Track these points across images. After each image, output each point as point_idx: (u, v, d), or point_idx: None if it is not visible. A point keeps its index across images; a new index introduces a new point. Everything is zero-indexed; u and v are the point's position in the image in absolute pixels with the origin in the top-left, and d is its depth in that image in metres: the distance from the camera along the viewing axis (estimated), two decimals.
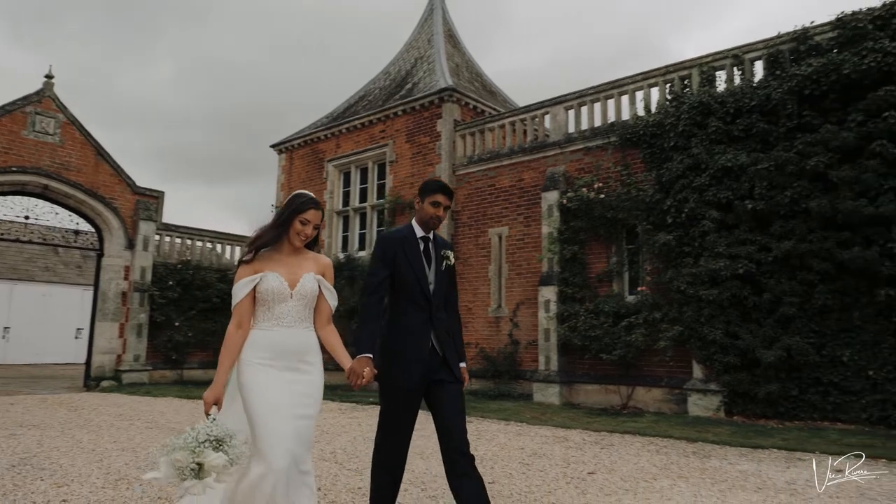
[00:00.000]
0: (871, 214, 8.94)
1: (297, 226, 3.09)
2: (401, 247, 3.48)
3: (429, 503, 4.68)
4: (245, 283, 3.02)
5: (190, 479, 2.56)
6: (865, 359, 9.03)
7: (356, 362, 3.13)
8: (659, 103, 12.01)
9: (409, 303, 3.42)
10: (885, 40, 9.28)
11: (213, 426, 2.66)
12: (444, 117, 15.72)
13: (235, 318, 3.01)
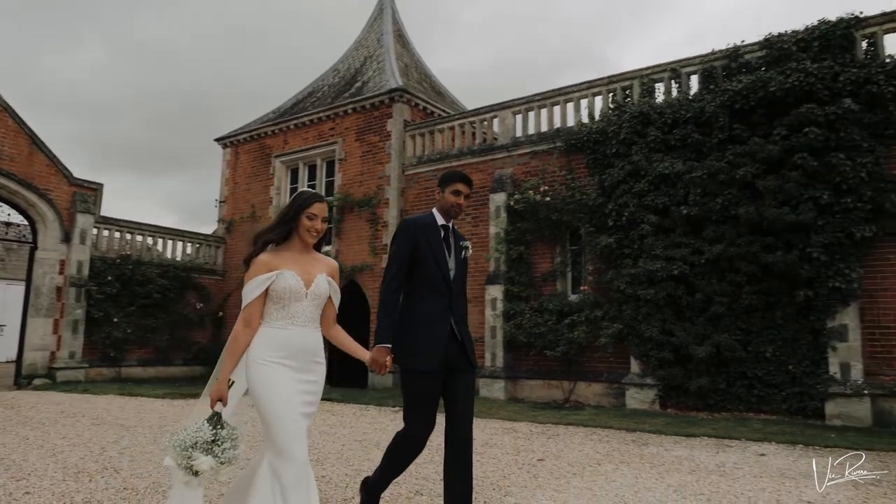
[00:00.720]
0: (792, 221, 9.72)
1: (305, 222, 3.06)
2: (424, 233, 3.53)
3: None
4: (261, 281, 2.95)
5: (187, 474, 2.68)
6: (786, 354, 9.82)
7: (376, 352, 3.27)
8: (602, 112, 12.59)
9: (430, 289, 3.48)
10: (807, 61, 10.10)
11: (205, 428, 2.71)
12: (394, 117, 15.90)
13: (244, 316, 2.96)
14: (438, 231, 3.57)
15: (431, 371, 3.41)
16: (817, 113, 9.68)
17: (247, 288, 2.97)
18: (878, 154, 9.54)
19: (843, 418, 9.11)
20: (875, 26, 10.12)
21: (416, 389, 3.47)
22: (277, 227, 3.10)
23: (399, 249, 3.52)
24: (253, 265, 3.01)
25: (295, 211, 3.08)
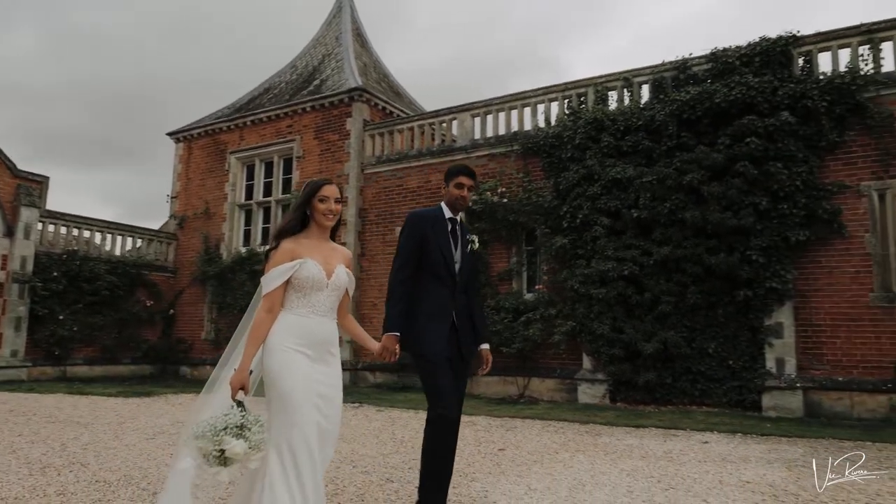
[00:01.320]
0: (734, 226, 10.34)
1: (318, 205, 3.04)
2: (430, 225, 3.62)
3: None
4: (284, 269, 2.93)
5: (215, 465, 2.57)
6: (727, 350, 10.44)
7: (386, 339, 3.34)
8: (558, 117, 13.03)
9: (435, 280, 3.58)
10: (750, 75, 10.75)
11: (235, 413, 2.64)
12: (353, 116, 15.99)
13: (266, 304, 2.92)
14: (446, 224, 3.66)
15: (437, 352, 3.49)
16: (758, 124, 10.32)
17: (270, 275, 2.94)
18: (812, 164, 10.25)
19: (777, 410, 9.76)
20: (811, 45, 10.86)
21: (428, 374, 3.51)
22: (291, 216, 3.12)
23: (407, 241, 3.60)
24: (277, 252, 2.99)
25: (306, 197, 3.07)
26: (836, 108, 10.20)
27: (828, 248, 10.21)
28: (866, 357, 9.80)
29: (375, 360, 3.36)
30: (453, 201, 3.71)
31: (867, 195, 10.06)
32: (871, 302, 9.86)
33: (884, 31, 10.37)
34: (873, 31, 10.40)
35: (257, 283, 12.38)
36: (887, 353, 9.64)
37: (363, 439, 7.01)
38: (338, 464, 5.48)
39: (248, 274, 16.53)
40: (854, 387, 9.69)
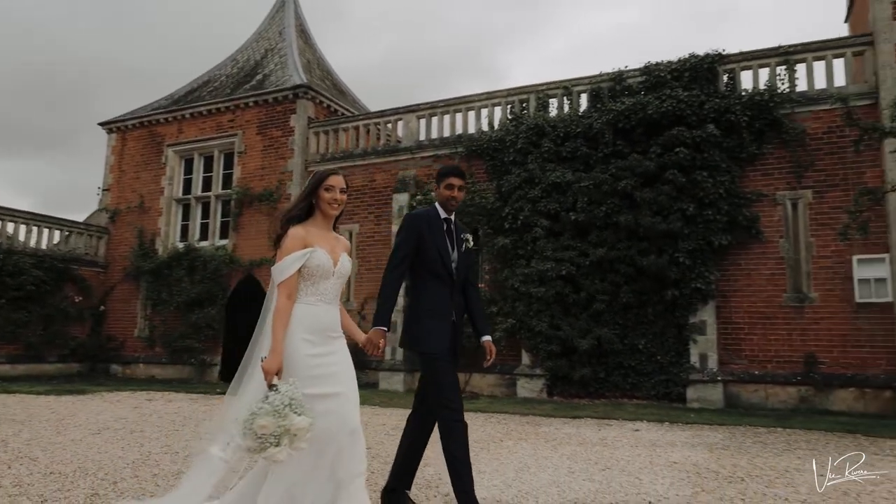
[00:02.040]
0: (663, 230, 11.03)
1: (324, 195, 3.13)
2: (427, 225, 3.73)
3: None
4: (297, 257, 3.01)
5: (273, 446, 2.60)
6: (655, 346, 11.13)
7: (373, 333, 3.43)
8: (501, 121, 13.48)
9: (433, 278, 3.68)
10: (679, 89, 11.49)
11: (290, 389, 2.72)
12: (298, 113, 15.95)
13: (285, 291, 2.99)
14: (441, 223, 3.77)
15: (438, 348, 3.58)
16: (686, 135, 11.06)
17: (284, 262, 3.00)
18: (734, 174, 11.07)
19: (700, 401, 10.50)
20: (734, 63, 11.71)
21: (437, 370, 3.58)
22: (298, 203, 3.20)
23: (404, 241, 3.71)
24: (287, 238, 3.06)
25: (312, 187, 3.17)
26: (756, 123, 11.06)
27: (747, 252, 11.05)
28: (779, 352, 10.68)
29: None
30: (444, 201, 3.80)
31: (782, 204, 10.96)
32: (784, 302, 10.75)
33: (798, 53, 11.32)
34: (789, 54, 11.33)
35: (196, 279, 12.35)
36: (798, 348, 10.54)
37: None
38: None
39: (186, 270, 16.21)
40: (768, 380, 10.55)
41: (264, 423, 2.60)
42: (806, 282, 10.68)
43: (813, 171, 10.84)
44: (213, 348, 15.79)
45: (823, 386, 10.21)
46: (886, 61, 10.48)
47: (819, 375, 10.28)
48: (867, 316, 10.28)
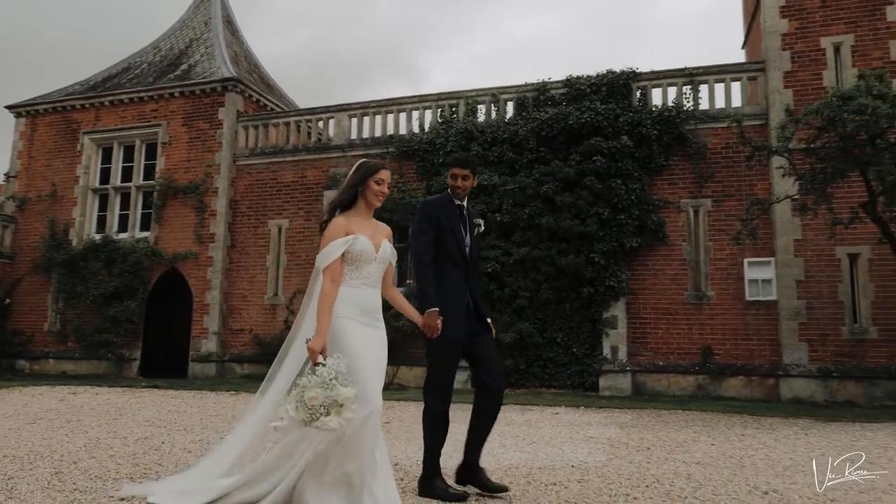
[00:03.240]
0: (581, 232, 11.92)
1: (374, 186, 3.29)
2: (442, 211, 3.85)
3: None
4: (340, 243, 3.16)
5: (323, 416, 2.79)
6: (571, 340, 12.01)
7: (428, 317, 3.58)
8: (431, 124, 14.02)
9: (449, 262, 3.82)
10: (598, 102, 12.44)
11: (335, 363, 2.90)
12: (226, 106, 15.82)
13: (329, 275, 3.14)
14: (455, 210, 3.91)
15: (457, 336, 3.72)
16: (603, 145, 12.00)
17: (327, 249, 3.17)
18: (644, 182, 12.12)
19: (611, 390, 11.46)
20: (646, 81, 12.79)
21: (443, 354, 3.74)
22: (345, 192, 3.34)
23: (423, 227, 3.84)
24: (331, 226, 3.24)
25: (362, 177, 3.31)
26: (664, 137, 12.16)
27: (654, 254, 12.13)
28: (680, 345, 11.81)
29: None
30: (451, 191, 3.95)
31: (685, 210, 12.11)
32: (685, 299, 11.89)
33: (702, 75, 12.53)
34: (694, 75, 12.52)
35: (114, 272, 12.35)
36: (696, 341, 11.70)
37: None
38: None
39: (103, 262, 15.71)
40: (671, 370, 11.66)
41: (314, 394, 2.79)
42: (704, 281, 11.86)
43: (712, 182, 12.05)
44: (133, 343, 15.41)
45: (717, 375, 11.41)
46: (776, 87, 11.81)
47: (714, 365, 11.47)
48: (755, 312, 11.57)
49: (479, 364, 3.85)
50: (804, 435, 6.75)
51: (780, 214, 11.24)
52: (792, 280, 11.29)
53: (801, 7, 11.90)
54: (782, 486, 4.16)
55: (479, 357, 3.84)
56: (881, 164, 8.55)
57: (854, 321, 11.02)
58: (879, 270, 10.90)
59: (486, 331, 3.91)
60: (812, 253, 11.27)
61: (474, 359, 3.86)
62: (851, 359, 10.88)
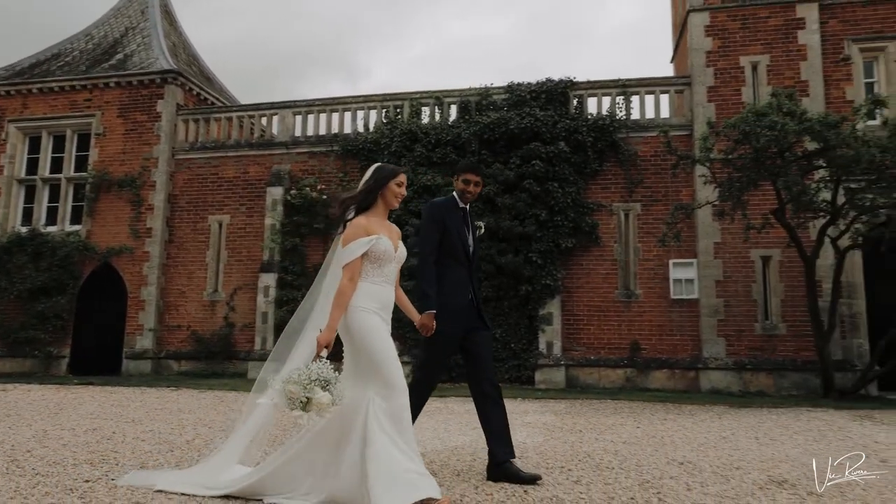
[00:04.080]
0: (520, 232, 12.45)
1: (394, 188, 3.43)
2: (448, 212, 4.02)
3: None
4: (363, 243, 3.26)
5: (298, 409, 2.91)
6: (510, 335, 12.52)
7: (426, 317, 3.70)
8: (376, 124, 14.26)
9: (453, 261, 3.98)
10: (537, 109, 13.01)
11: (324, 368, 2.98)
12: (166, 99, 15.54)
13: (349, 273, 3.23)
14: (458, 212, 4.09)
15: (455, 333, 3.89)
16: (541, 150, 12.57)
17: (350, 247, 3.26)
18: (580, 186, 12.77)
19: (546, 383, 12.03)
20: (582, 90, 13.46)
21: (439, 347, 3.89)
22: (364, 195, 3.44)
23: (430, 227, 3.99)
24: (352, 227, 3.34)
25: (385, 180, 3.43)
26: (599, 144, 12.85)
27: (587, 254, 12.80)
28: (611, 340, 12.52)
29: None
30: (461, 194, 4.10)
31: (617, 214, 12.83)
32: (615, 297, 12.61)
33: (634, 87, 13.31)
34: (626, 86, 13.28)
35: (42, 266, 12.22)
36: (625, 337, 12.43)
37: (206, 410, 7.50)
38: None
39: (30, 256, 15.11)
40: (602, 364, 12.35)
41: (293, 389, 2.94)
42: (633, 281, 12.62)
43: (642, 187, 12.83)
44: (62, 340, 14.91)
45: (644, 368, 12.18)
46: (700, 100, 12.70)
47: (641, 359, 12.23)
48: (679, 310, 12.40)
49: (473, 362, 3.98)
50: (718, 419, 7.44)
51: (702, 219, 12.10)
52: (712, 280, 12.18)
53: (723, 27, 12.84)
54: (696, 458, 4.71)
55: (474, 355, 3.97)
56: (788, 176, 9.43)
57: (766, 318, 12.00)
58: (788, 272, 11.91)
59: (485, 328, 4.07)
60: (730, 255, 12.19)
61: (470, 355, 3.98)
62: (763, 352, 11.85)
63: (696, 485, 3.87)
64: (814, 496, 3.61)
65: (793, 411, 8.44)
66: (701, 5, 13.01)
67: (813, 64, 12.39)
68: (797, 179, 9.41)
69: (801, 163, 9.90)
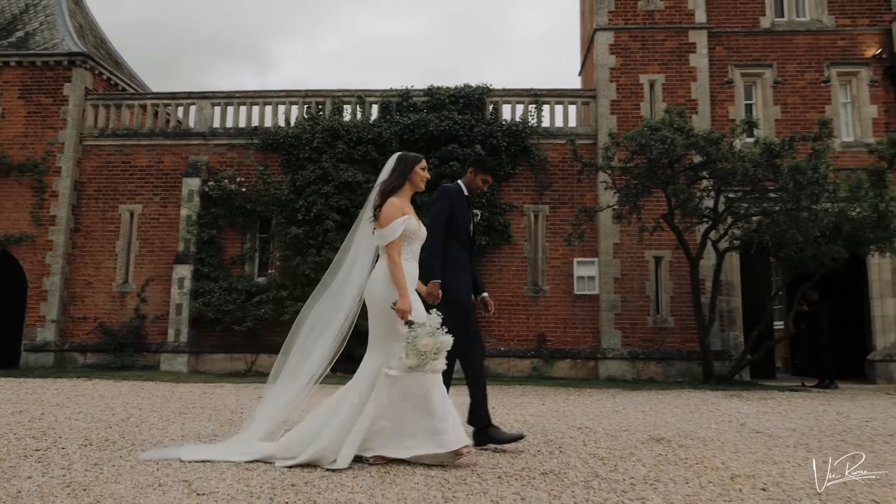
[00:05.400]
0: None
1: (420, 172, 3.88)
2: (457, 198, 4.46)
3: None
4: (401, 222, 3.67)
5: (430, 361, 3.43)
6: None
7: (432, 286, 4.06)
8: (298, 120, 14.42)
9: (458, 242, 4.41)
10: (455, 113, 13.67)
11: (434, 318, 3.50)
12: (74, 82, 14.95)
13: (396, 249, 3.65)
14: (465, 199, 4.55)
15: (467, 299, 4.39)
16: (459, 152, 13.25)
17: (391, 226, 3.66)
18: (494, 188, 13.54)
19: (458, 372, 12.67)
20: (498, 97, 14.26)
21: (461, 313, 4.25)
22: (396, 179, 3.85)
23: (443, 209, 4.37)
24: (389, 205, 3.72)
25: (410, 165, 3.90)
26: (512, 148, 13.68)
27: (500, 252, 13.60)
28: (520, 333, 13.38)
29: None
30: (473, 188, 4.63)
31: (527, 214, 13.72)
32: (524, 293, 13.49)
33: (545, 97, 14.25)
34: (538, 96, 14.21)
35: None
36: (533, 330, 13.33)
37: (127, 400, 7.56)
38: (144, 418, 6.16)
39: None
40: (511, 354, 13.18)
41: (426, 342, 3.39)
42: (541, 277, 13.55)
43: (551, 190, 13.78)
44: None
45: (549, 358, 13.12)
46: (603, 112, 13.81)
47: (546, 350, 13.17)
48: (581, 305, 13.45)
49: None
50: (612, 398, 8.36)
51: (604, 221, 13.19)
52: (611, 277, 13.30)
53: (625, 47, 14.02)
54: (592, 425, 5.47)
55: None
56: (677, 185, 10.59)
57: (657, 312, 13.26)
58: (677, 271, 13.22)
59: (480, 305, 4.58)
60: (627, 255, 13.36)
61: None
62: (654, 343, 13.10)
63: (591, 442, 4.59)
64: (683, 448, 4.41)
65: (676, 392, 9.54)
66: (606, 25, 14.13)
67: (702, 84, 13.79)
68: (684, 188, 10.58)
69: (688, 173, 11.11)
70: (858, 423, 6.07)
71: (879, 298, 13.30)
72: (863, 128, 13.83)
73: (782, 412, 6.96)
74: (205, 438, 4.58)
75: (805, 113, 13.67)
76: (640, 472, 3.57)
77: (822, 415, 6.78)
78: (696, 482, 3.36)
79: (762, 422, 6.04)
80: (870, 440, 5.02)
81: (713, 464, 3.86)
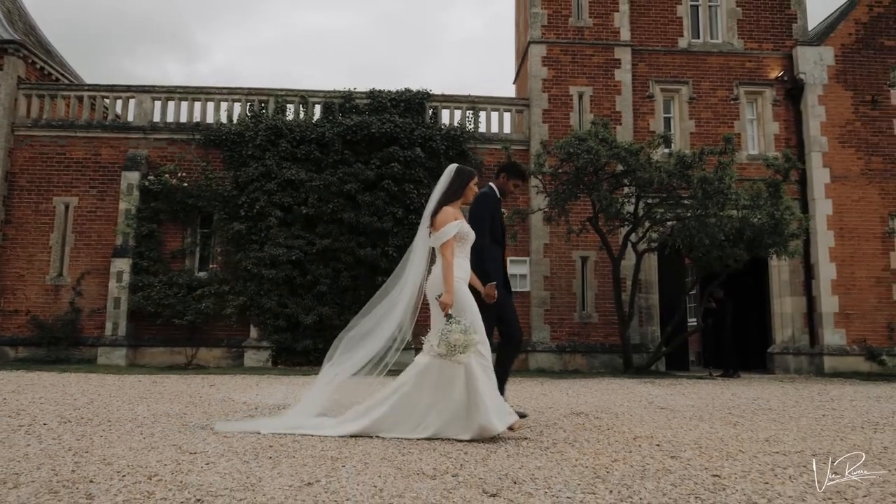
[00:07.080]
0: (378, 228, 13.60)
1: (473, 188, 4.60)
2: (494, 202, 5.01)
3: None
4: (454, 226, 4.26)
5: (457, 354, 3.89)
6: None
7: (489, 288, 4.58)
8: (240, 117, 14.62)
9: (495, 241, 4.92)
10: (396, 116, 14.24)
11: (459, 321, 3.96)
12: (6, 70, 14.58)
13: (449, 250, 4.21)
14: (499, 201, 5.15)
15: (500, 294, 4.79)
16: (399, 154, 13.82)
17: (446, 229, 4.25)
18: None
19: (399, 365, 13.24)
20: (437, 102, 14.93)
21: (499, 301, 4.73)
22: (455, 192, 4.50)
23: (485, 214, 4.91)
24: (444, 214, 4.33)
25: (466, 180, 4.56)
26: (451, 151, 14.37)
27: None
28: None
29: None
30: (505, 191, 5.22)
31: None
32: None
33: (482, 104, 15.03)
34: (475, 103, 14.97)
35: None
36: None
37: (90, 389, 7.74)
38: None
39: None
40: None
41: (457, 336, 3.91)
42: None
43: None
44: None
45: None
46: (536, 121, 14.71)
47: None
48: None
49: (504, 320, 4.98)
50: (540, 385, 9.18)
51: (535, 223, 14.08)
52: (541, 276, 14.22)
53: (557, 60, 14.97)
54: (521, 404, 6.24)
55: (505, 315, 4.97)
56: (601, 191, 11.56)
57: (583, 308, 14.27)
58: (601, 270, 14.28)
59: (510, 294, 5.14)
60: (556, 255, 14.31)
61: (501, 315, 4.95)
62: (580, 337, 14.10)
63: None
64: (598, 419, 5.20)
65: (597, 379, 10.49)
66: (539, 38, 15.04)
67: (626, 98, 14.91)
68: (607, 194, 11.56)
69: (611, 181, 12.12)
70: (746, 402, 7.09)
71: (779, 297, 14.82)
72: (766, 143, 15.32)
73: (685, 394, 7.96)
74: (189, 419, 5.00)
75: (717, 127, 15.02)
76: (561, 436, 4.31)
77: (717, 395, 7.81)
78: (605, 441, 4.12)
79: (667, 400, 6.97)
80: (751, 413, 5.99)
81: (621, 429, 4.65)
